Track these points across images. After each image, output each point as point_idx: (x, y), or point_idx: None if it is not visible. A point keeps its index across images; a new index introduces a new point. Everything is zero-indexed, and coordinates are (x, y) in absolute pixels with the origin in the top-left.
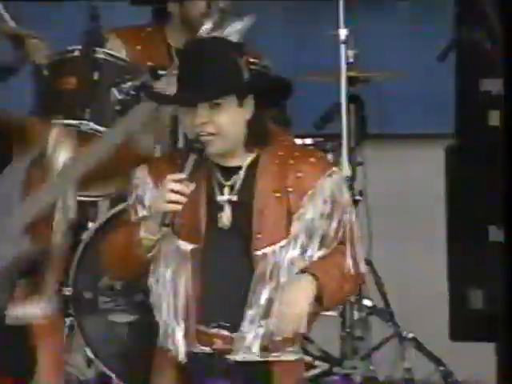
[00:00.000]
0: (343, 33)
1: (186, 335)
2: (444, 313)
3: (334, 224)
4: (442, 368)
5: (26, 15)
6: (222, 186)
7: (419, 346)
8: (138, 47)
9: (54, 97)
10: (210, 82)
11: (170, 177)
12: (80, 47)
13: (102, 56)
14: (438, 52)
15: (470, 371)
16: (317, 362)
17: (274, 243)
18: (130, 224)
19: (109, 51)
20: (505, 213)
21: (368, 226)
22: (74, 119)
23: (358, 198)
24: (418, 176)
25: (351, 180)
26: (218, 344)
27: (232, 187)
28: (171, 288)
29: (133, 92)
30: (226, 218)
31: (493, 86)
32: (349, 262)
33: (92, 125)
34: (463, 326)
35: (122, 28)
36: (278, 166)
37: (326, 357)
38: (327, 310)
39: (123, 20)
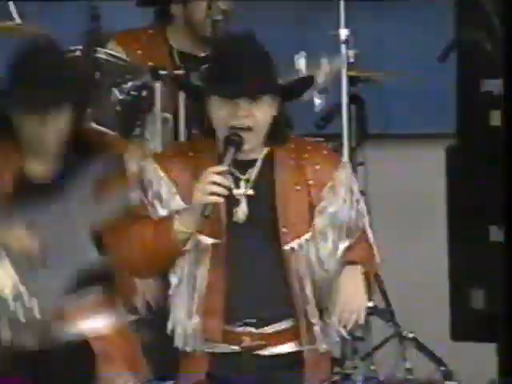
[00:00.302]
0: (344, 33)
1: (199, 330)
2: (445, 313)
3: (353, 213)
4: (442, 368)
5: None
6: (237, 180)
7: (420, 346)
8: (139, 52)
9: None
10: (256, 78)
11: (211, 169)
12: (81, 47)
13: (102, 56)
14: (438, 52)
15: (470, 371)
16: None
17: (298, 236)
18: (151, 220)
19: (110, 51)
20: (505, 213)
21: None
22: None
23: None
24: (419, 176)
25: None
26: (247, 342)
27: (247, 181)
28: (189, 283)
29: (134, 92)
30: (241, 212)
31: (494, 86)
32: (374, 247)
33: (93, 125)
34: (464, 326)
35: (122, 33)
36: (294, 160)
37: None
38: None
39: (124, 20)
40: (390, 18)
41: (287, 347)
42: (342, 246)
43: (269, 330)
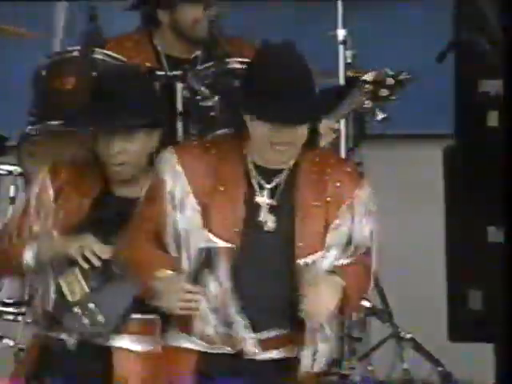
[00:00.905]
0: (341, 33)
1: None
2: (442, 313)
3: (367, 233)
4: (440, 368)
5: (26, 15)
6: (261, 188)
7: (418, 347)
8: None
9: (53, 97)
10: (304, 104)
11: (184, 286)
12: (79, 47)
13: (100, 56)
14: (437, 52)
15: (468, 372)
16: None
17: (314, 253)
18: (151, 227)
19: (107, 52)
20: (504, 213)
21: None
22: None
23: None
24: (417, 176)
25: None
26: (245, 345)
27: (272, 190)
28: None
29: None
30: (265, 220)
31: (491, 86)
32: (373, 272)
33: None
34: (462, 327)
35: (111, 40)
36: (317, 175)
37: None
38: (341, 315)
39: (123, 20)
40: (389, 18)
41: (283, 353)
42: (341, 261)
43: (266, 335)
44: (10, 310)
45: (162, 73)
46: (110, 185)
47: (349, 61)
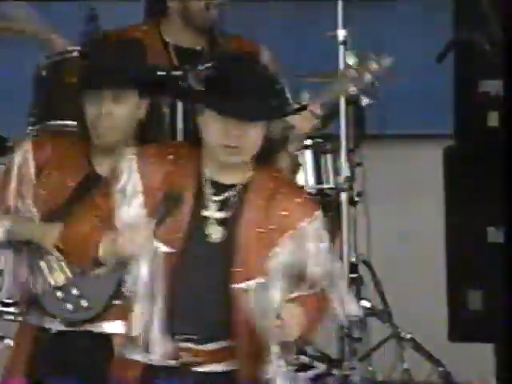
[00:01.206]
0: (342, 33)
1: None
2: (443, 313)
3: (315, 269)
4: (440, 369)
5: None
6: (211, 201)
7: (418, 347)
8: None
9: (53, 97)
10: (260, 101)
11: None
12: (79, 47)
13: None
14: (437, 52)
15: (468, 372)
16: (315, 363)
17: (251, 278)
18: (100, 223)
19: None
20: (504, 214)
21: (367, 226)
22: (71, 120)
23: (357, 198)
24: (417, 177)
25: (350, 181)
26: (185, 357)
27: (221, 203)
28: (147, 289)
29: None
30: (210, 233)
31: (491, 87)
32: (332, 308)
33: None
34: (462, 327)
35: (114, 32)
36: (265, 201)
37: (324, 358)
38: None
39: (123, 20)
40: (389, 18)
41: (224, 366)
42: (292, 294)
43: (208, 347)
44: (10, 310)
45: (163, 73)
46: (94, 167)
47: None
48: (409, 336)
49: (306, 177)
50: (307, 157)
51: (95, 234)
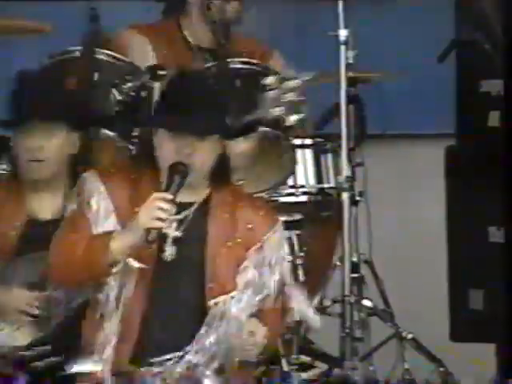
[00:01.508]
0: (343, 33)
1: (117, 355)
2: (444, 313)
3: (277, 276)
4: (441, 369)
5: (27, 15)
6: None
7: (419, 347)
8: (164, 51)
9: (54, 97)
10: (209, 117)
11: (156, 195)
12: (80, 48)
13: (102, 57)
14: (438, 52)
15: (470, 372)
16: (316, 363)
17: (225, 293)
18: (86, 233)
19: (109, 52)
20: (505, 213)
21: (368, 226)
22: None
23: (358, 198)
24: (418, 176)
25: (351, 180)
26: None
27: (180, 222)
28: (115, 304)
29: (133, 93)
30: (168, 252)
31: (492, 86)
32: (292, 310)
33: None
34: (463, 327)
35: (142, 25)
36: (229, 214)
37: (325, 357)
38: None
39: (124, 20)
40: (390, 18)
41: None
42: (256, 303)
43: (176, 367)
44: None
45: (164, 72)
46: (34, 212)
47: (350, 61)
48: (410, 336)
49: (306, 176)
50: (308, 156)
51: (98, 239)
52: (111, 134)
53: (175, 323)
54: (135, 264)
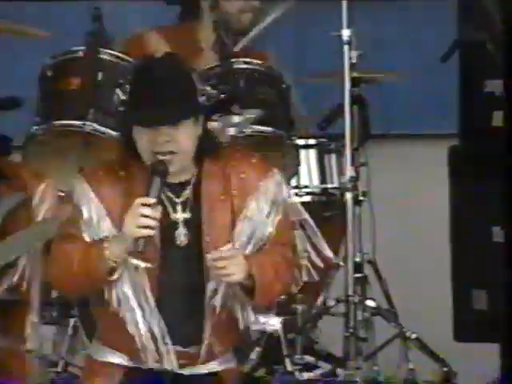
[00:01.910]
0: (346, 33)
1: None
2: (447, 313)
3: (275, 223)
4: (445, 368)
5: (27, 15)
6: (174, 204)
7: (423, 347)
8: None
9: (58, 97)
10: (175, 103)
11: (139, 201)
12: (84, 48)
13: (106, 57)
14: (440, 52)
15: (473, 372)
16: (320, 363)
17: (221, 246)
18: (82, 241)
19: (112, 52)
20: (506, 213)
21: (371, 226)
22: (76, 120)
23: (361, 198)
24: (422, 176)
25: (355, 180)
26: (171, 360)
27: (184, 203)
28: (134, 302)
29: None
30: (183, 235)
31: (496, 86)
32: (287, 264)
33: (95, 125)
34: (467, 327)
35: (161, 27)
36: (221, 170)
37: (329, 357)
38: (257, 304)
39: (126, 20)
40: (391, 18)
41: (207, 367)
42: (249, 250)
43: (191, 350)
44: None
45: None
46: None
47: (354, 61)
48: (414, 336)
49: (310, 176)
50: (311, 156)
51: (93, 247)
52: (114, 133)
53: (189, 309)
54: (141, 264)
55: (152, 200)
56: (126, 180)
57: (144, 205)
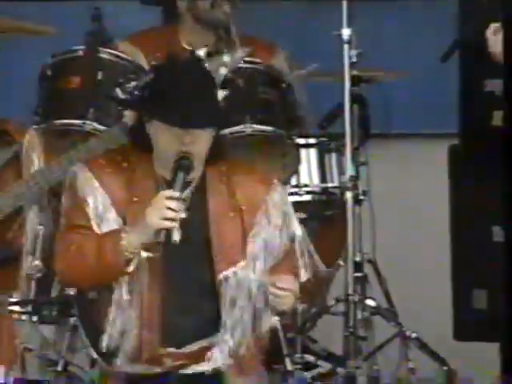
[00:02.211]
0: (346, 32)
1: (135, 348)
2: (447, 313)
3: (285, 235)
4: (445, 368)
5: (27, 15)
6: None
7: (423, 346)
8: (158, 54)
9: (58, 96)
10: (208, 108)
11: (164, 193)
12: (84, 47)
13: (105, 56)
14: (440, 51)
15: (473, 371)
16: (320, 362)
17: (233, 264)
18: (93, 233)
19: (113, 51)
20: (506, 213)
21: (371, 225)
22: (76, 119)
23: (361, 197)
24: (422, 176)
25: (355, 180)
26: (168, 362)
27: (183, 201)
28: (128, 296)
29: (136, 92)
30: (175, 234)
31: (496, 86)
32: (301, 271)
33: (95, 125)
34: (467, 326)
35: (135, 35)
36: (225, 185)
37: (329, 356)
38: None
39: (126, 20)
40: (391, 18)
41: (210, 364)
42: (266, 267)
43: (191, 348)
44: (16, 308)
45: None
46: None
47: (354, 60)
48: (414, 335)
49: (310, 175)
50: (312, 155)
51: (107, 239)
52: None
53: (194, 306)
54: (143, 253)
55: (177, 194)
56: (127, 171)
57: (169, 198)
